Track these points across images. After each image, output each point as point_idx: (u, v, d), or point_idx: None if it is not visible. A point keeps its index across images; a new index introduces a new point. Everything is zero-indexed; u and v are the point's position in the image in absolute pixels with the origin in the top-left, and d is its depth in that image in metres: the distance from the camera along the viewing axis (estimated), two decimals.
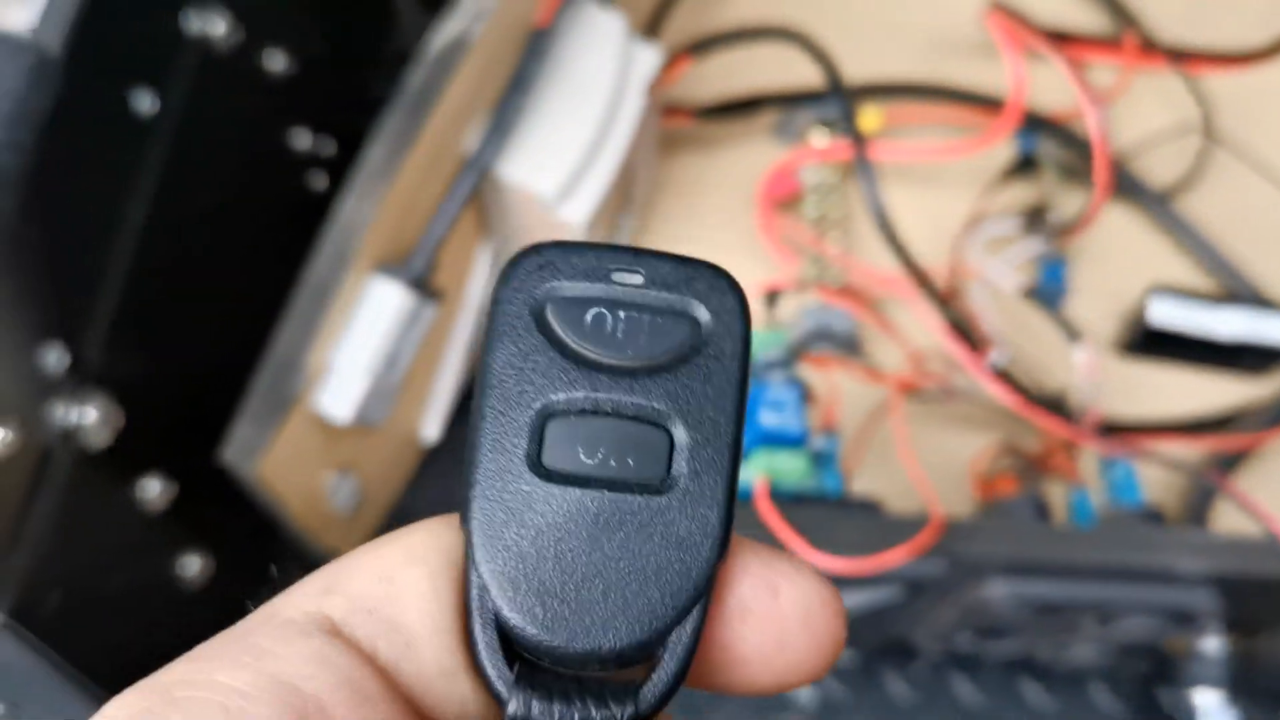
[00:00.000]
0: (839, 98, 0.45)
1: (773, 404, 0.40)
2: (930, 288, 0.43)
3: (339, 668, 0.14)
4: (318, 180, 0.44)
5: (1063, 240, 0.48)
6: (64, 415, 0.30)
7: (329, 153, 0.45)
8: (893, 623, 0.41)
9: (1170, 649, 0.43)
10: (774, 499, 0.37)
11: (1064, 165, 0.49)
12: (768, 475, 0.38)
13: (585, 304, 0.16)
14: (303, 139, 0.43)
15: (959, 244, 0.46)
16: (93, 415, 0.31)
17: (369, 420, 0.37)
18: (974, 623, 0.40)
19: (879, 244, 0.44)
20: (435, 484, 0.47)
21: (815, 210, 0.48)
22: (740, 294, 0.17)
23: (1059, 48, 0.46)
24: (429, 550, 0.16)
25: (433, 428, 0.44)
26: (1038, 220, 0.48)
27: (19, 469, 0.29)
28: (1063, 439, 0.43)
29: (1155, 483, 0.45)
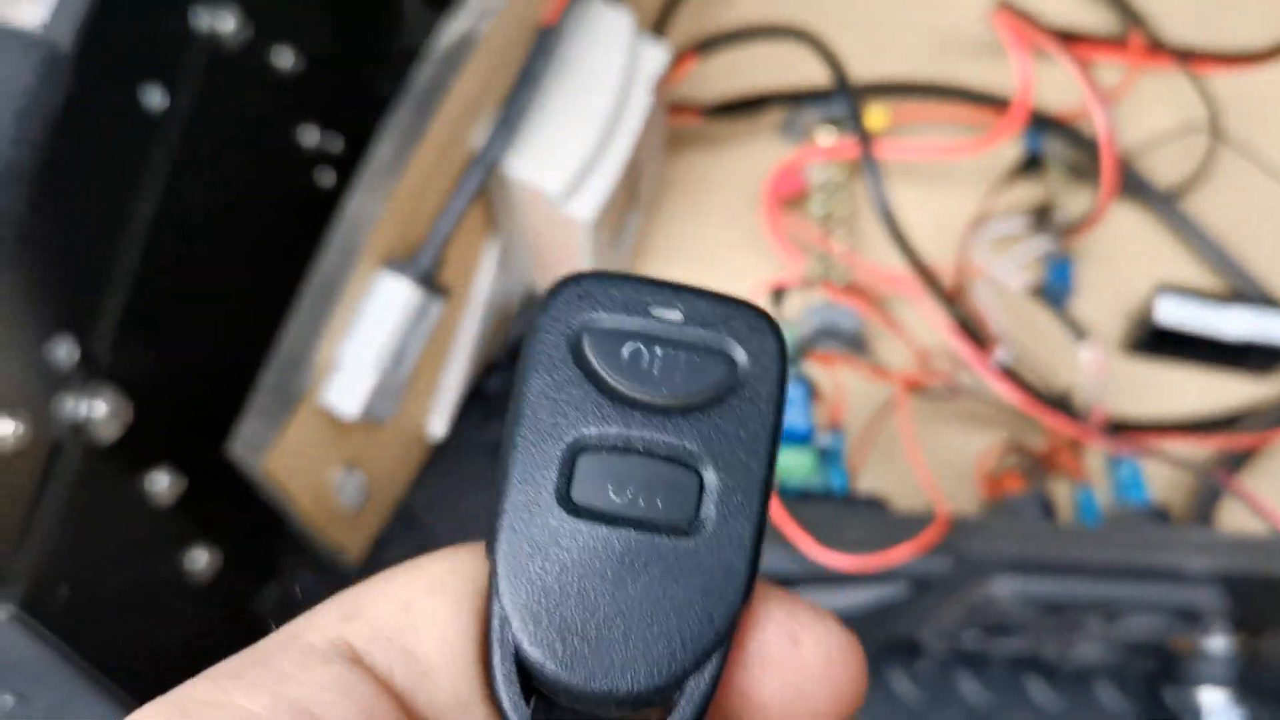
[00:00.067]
0: (845, 96, 0.45)
1: None
2: (936, 286, 0.43)
3: (357, 696, 0.14)
4: (325, 177, 0.45)
5: (1069, 239, 0.48)
6: (74, 409, 0.31)
7: (336, 149, 0.45)
8: (898, 620, 0.41)
9: (1176, 648, 0.42)
10: (780, 496, 0.37)
11: (1070, 164, 0.49)
12: None
13: (622, 337, 0.16)
14: (310, 136, 0.43)
15: (965, 242, 0.46)
16: (102, 409, 0.31)
17: (376, 416, 0.37)
18: (980, 620, 0.40)
19: (885, 242, 0.44)
20: (441, 480, 0.47)
21: (821, 208, 0.48)
22: (779, 336, 0.17)
23: (1066, 47, 0.46)
24: (454, 578, 0.16)
25: (439, 424, 0.44)
26: (1044, 219, 0.48)
27: (29, 462, 0.29)
28: (1069, 437, 0.43)
29: (1161, 481, 0.45)
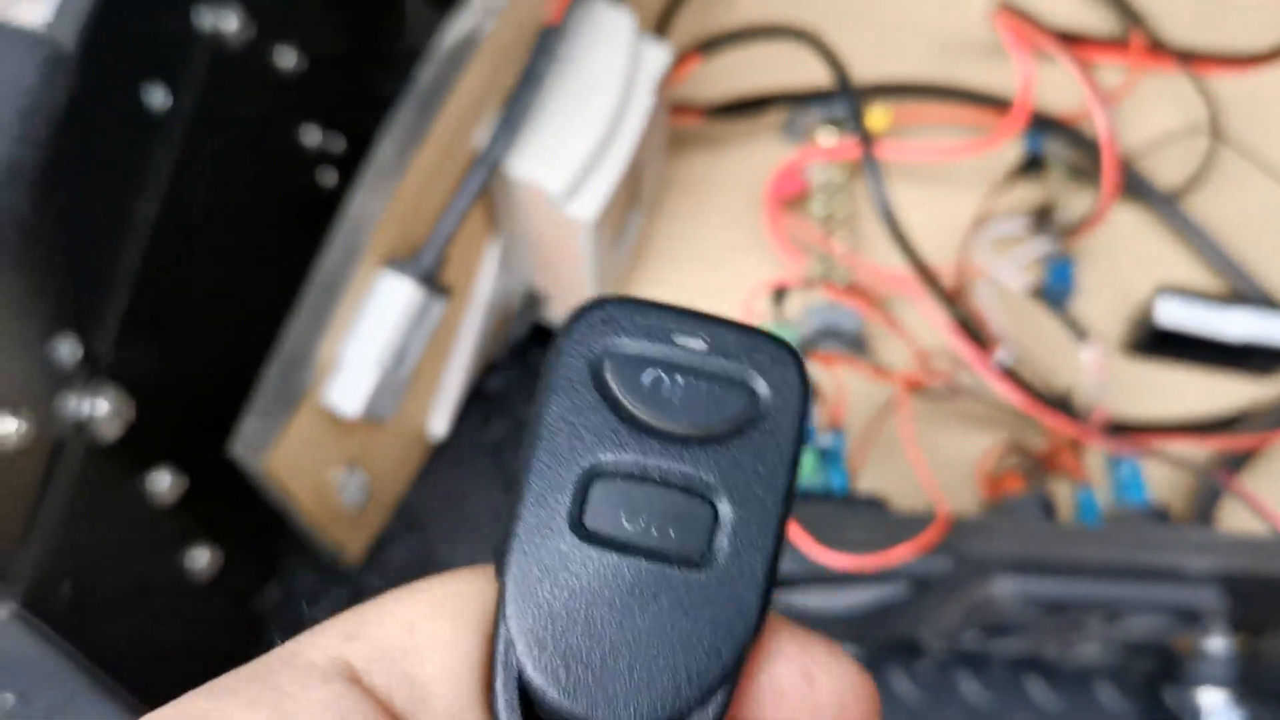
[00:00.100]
0: (847, 97, 0.45)
1: None
2: (937, 287, 0.43)
3: (355, 717, 0.14)
4: (327, 177, 0.45)
5: (1070, 240, 0.48)
6: (76, 407, 0.31)
7: (339, 149, 0.45)
8: (898, 620, 0.41)
9: (1176, 648, 0.43)
10: None
11: (1072, 165, 0.49)
12: None
13: (644, 364, 0.16)
14: (313, 135, 0.43)
15: (966, 243, 0.46)
16: (104, 407, 0.31)
17: (378, 415, 0.37)
18: (980, 621, 0.40)
19: (886, 243, 0.44)
20: (442, 480, 0.47)
21: (822, 209, 0.48)
22: (802, 370, 0.16)
23: (1067, 48, 0.46)
24: (460, 602, 0.16)
25: (440, 424, 0.44)
26: (1045, 220, 0.48)
27: (32, 460, 0.29)
28: (1069, 438, 0.43)
29: (1161, 482, 0.45)
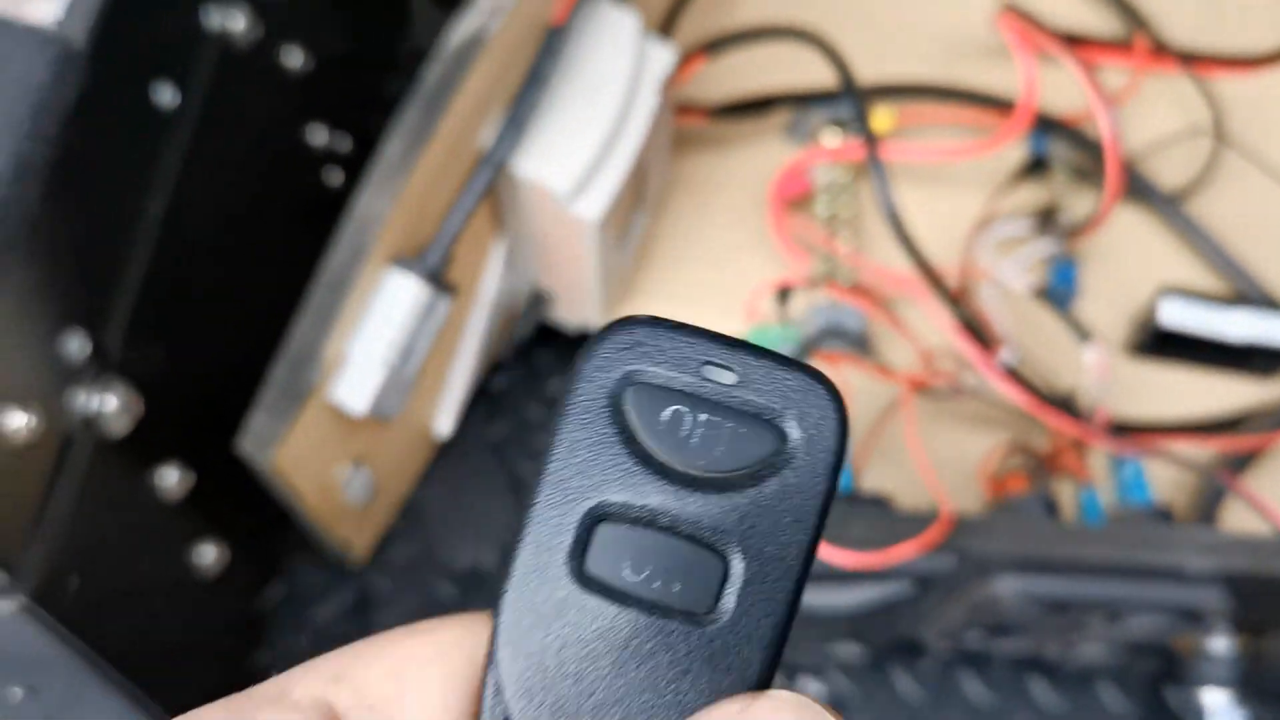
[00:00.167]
0: (851, 98, 0.45)
1: None
2: (941, 287, 0.43)
3: None
4: (334, 176, 0.45)
5: (1073, 241, 0.48)
6: (85, 403, 0.31)
7: (345, 149, 0.45)
8: (901, 619, 0.41)
9: (1179, 648, 0.43)
10: None
11: (1075, 167, 0.49)
12: None
13: (666, 397, 0.15)
14: (319, 135, 0.44)
15: (970, 244, 0.47)
16: (113, 403, 0.31)
17: (384, 412, 0.38)
18: (983, 620, 0.40)
19: (890, 243, 0.44)
20: (447, 479, 0.47)
21: (826, 209, 0.48)
22: (842, 412, 0.15)
23: (1070, 50, 0.46)
24: (452, 651, 0.15)
25: (445, 422, 0.44)
26: (1049, 221, 0.48)
27: (41, 454, 0.29)
28: (1072, 438, 0.43)
29: (1164, 482, 0.45)
